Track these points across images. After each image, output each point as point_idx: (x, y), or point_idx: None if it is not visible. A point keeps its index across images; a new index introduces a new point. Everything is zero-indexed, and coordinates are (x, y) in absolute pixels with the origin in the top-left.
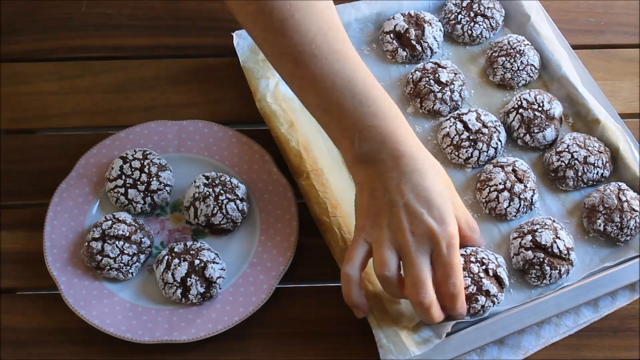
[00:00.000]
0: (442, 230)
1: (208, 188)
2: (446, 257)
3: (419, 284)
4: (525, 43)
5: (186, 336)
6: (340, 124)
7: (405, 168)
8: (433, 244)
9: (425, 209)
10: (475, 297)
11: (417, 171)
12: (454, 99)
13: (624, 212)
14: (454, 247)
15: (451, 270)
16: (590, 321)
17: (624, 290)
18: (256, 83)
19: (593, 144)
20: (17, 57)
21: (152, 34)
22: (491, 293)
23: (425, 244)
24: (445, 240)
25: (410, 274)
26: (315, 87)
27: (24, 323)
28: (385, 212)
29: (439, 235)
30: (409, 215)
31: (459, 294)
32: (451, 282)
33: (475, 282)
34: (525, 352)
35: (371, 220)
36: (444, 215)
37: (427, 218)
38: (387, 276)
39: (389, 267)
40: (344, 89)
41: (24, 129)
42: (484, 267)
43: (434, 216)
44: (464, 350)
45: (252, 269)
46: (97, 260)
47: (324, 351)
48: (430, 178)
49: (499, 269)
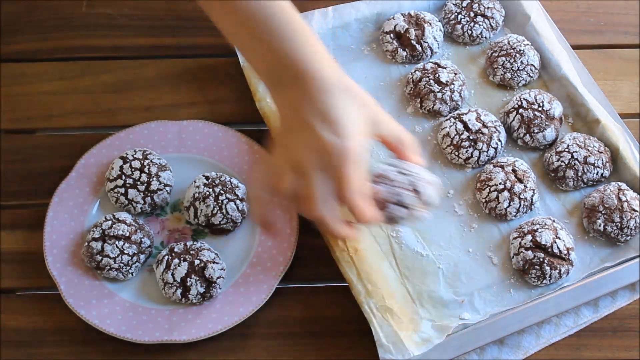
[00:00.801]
0: (336, 145)
1: (208, 188)
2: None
3: (310, 199)
4: (525, 43)
5: (186, 336)
6: (255, 46)
7: (314, 89)
8: (328, 159)
9: (325, 126)
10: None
11: (325, 92)
12: (454, 99)
13: (624, 212)
14: (349, 160)
15: (344, 183)
16: (590, 321)
17: (624, 290)
18: (256, 83)
19: (593, 144)
20: (17, 57)
21: (152, 34)
22: (409, 206)
23: (321, 159)
24: (338, 154)
25: (305, 189)
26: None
27: (24, 323)
28: (292, 131)
29: (332, 151)
30: (310, 134)
31: (354, 207)
32: (345, 194)
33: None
34: (525, 352)
35: (279, 142)
36: (342, 130)
37: (324, 134)
38: (286, 193)
39: (287, 185)
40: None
41: (24, 129)
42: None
43: (333, 133)
44: (464, 350)
45: (252, 269)
46: (97, 260)
47: (324, 351)
48: (340, 99)
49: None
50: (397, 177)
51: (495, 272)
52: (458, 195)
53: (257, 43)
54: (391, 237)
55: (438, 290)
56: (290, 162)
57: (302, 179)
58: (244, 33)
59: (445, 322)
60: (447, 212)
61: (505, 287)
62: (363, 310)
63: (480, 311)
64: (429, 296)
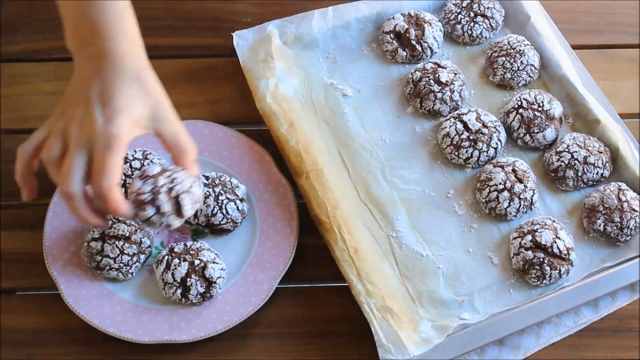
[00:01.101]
0: (104, 129)
1: (208, 188)
2: (100, 156)
3: (66, 173)
4: (525, 43)
5: (186, 336)
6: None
7: (104, 66)
8: (93, 141)
9: (101, 107)
10: (145, 207)
11: (112, 71)
12: (454, 99)
13: (624, 212)
14: (112, 149)
15: (102, 170)
16: (590, 321)
17: (624, 290)
18: (256, 83)
19: (593, 144)
20: (17, 57)
21: (152, 34)
22: (162, 210)
23: (86, 138)
24: (105, 140)
25: (64, 162)
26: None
27: (24, 323)
28: (71, 102)
29: (99, 133)
30: (85, 109)
31: (106, 197)
32: (99, 182)
33: (153, 192)
34: (525, 352)
35: (61, 107)
36: (115, 116)
37: (97, 115)
38: (46, 159)
39: (49, 152)
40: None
41: (24, 129)
42: (170, 185)
43: (104, 115)
44: (464, 350)
45: (252, 269)
46: (97, 261)
47: (324, 351)
48: (124, 82)
49: (184, 195)
50: (164, 181)
51: (495, 272)
52: (458, 195)
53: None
54: (391, 237)
55: (438, 290)
56: (61, 130)
57: (65, 152)
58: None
59: (445, 322)
60: (447, 212)
61: (505, 287)
62: (363, 310)
63: (480, 311)
64: (429, 296)
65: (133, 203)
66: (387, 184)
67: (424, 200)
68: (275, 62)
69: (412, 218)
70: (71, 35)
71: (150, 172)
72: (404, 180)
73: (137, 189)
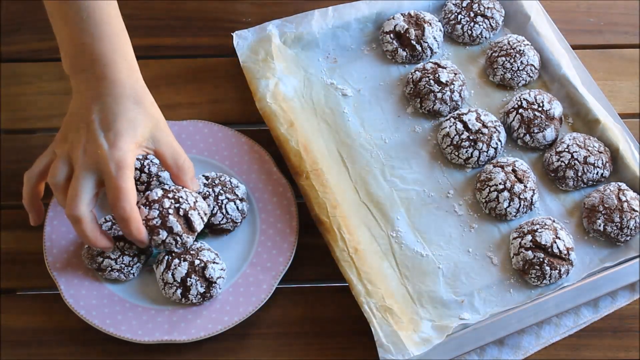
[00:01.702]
0: (111, 154)
1: (208, 188)
2: (114, 180)
3: (73, 197)
4: (525, 43)
5: (186, 336)
6: (61, 32)
7: (103, 90)
8: (102, 166)
9: (104, 132)
10: (158, 230)
11: (112, 95)
12: (454, 99)
13: (624, 212)
14: (124, 171)
15: (119, 194)
16: (590, 321)
17: (624, 290)
18: (256, 83)
19: (593, 144)
20: (17, 57)
21: (152, 34)
22: (174, 230)
23: (93, 163)
24: (114, 164)
25: (71, 186)
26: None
27: (24, 323)
28: (73, 127)
29: (107, 158)
30: (88, 134)
31: (130, 218)
32: (120, 205)
33: (162, 216)
34: (525, 352)
35: (63, 132)
36: (119, 140)
37: (101, 140)
38: (53, 183)
39: (56, 176)
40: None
41: (24, 129)
42: (177, 205)
43: (108, 139)
44: (464, 350)
45: (252, 269)
46: (98, 262)
47: (324, 351)
48: (124, 105)
49: (192, 212)
50: (169, 203)
51: (495, 272)
52: (458, 195)
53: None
54: (391, 237)
55: (438, 290)
56: (65, 154)
57: (72, 177)
58: (56, 14)
59: (445, 322)
60: (447, 212)
61: (505, 287)
62: (363, 310)
63: (480, 311)
64: (429, 296)
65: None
66: (387, 184)
67: (424, 200)
68: (275, 62)
69: (412, 218)
70: (68, 61)
71: (153, 197)
72: (404, 180)
73: (145, 215)
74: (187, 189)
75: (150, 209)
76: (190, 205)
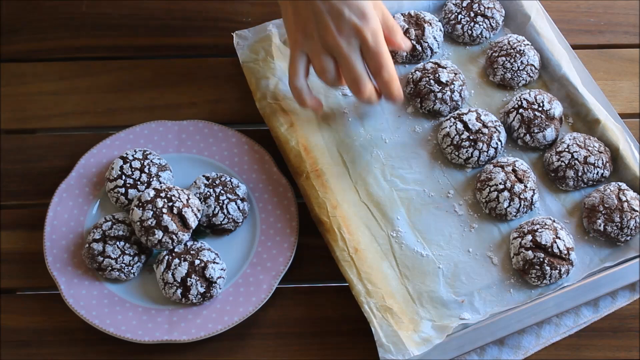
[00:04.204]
0: (365, 25)
1: (209, 188)
2: (375, 48)
3: (357, 79)
4: (525, 43)
5: (186, 336)
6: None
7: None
8: (360, 39)
9: (346, 8)
10: (153, 231)
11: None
12: (454, 99)
13: (624, 212)
14: (380, 37)
15: (381, 59)
16: (590, 321)
17: (624, 290)
18: (256, 83)
19: (593, 144)
20: (17, 57)
21: (152, 34)
22: (170, 229)
23: (353, 40)
24: (370, 33)
25: (348, 71)
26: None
27: (24, 323)
28: (311, 21)
29: (363, 30)
30: (333, 18)
31: (393, 79)
32: (384, 70)
33: (156, 216)
34: (525, 352)
35: (302, 32)
36: (365, 10)
37: (349, 15)
38: (329, 79)
39: (329, 71)
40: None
41: (24, 129)
42: (170, 203)
43: (355, 13)
44: (464, 350)
45: (252, 269)
46: (99, 262)
47: (324, 351)
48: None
49: (186, 209)
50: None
51: (495, 272)
52: (458, 195)
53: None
54: (391, 237)
55: (438, 290)
56: (326, 47)
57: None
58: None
59: (445, 322)
60: (447, 212)
61: (505, 287)
62: (363, 310)
63: (480, 311)
64: (429, 296)
65: (140, 231)
66: (387, 184)
67: (424, 200)
68: (275, 62)
69: (412, 218)
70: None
71: (145, 197)
72: (404, 180)
73: (139, 217)
74: (179, 188)
75: (144, 210)
76: (184, 202)
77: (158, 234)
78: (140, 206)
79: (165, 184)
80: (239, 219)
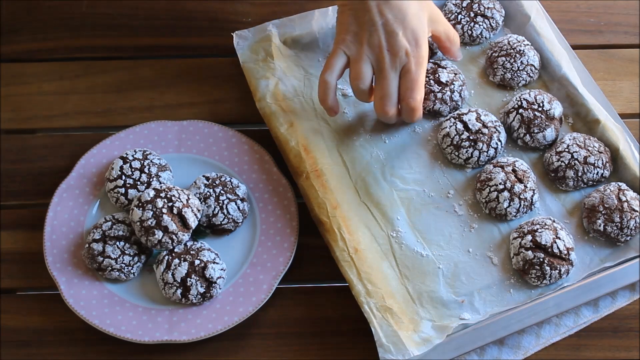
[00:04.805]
0: (414, 51)
1: (209, 189)
2: (414, 75)
3: (387, 97)
4: (525, 43)
5: (186, 336)
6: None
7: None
8: (405, 62)
9: (401, 30)
10: (153, 231)
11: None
12: (454, 99)
13: (624, 212)
14: (422, 66)
15: (416, 86)
16: (590, 321)
17: (624, 290)
18: (256, 83)
19: (593, 144)
20: (17, 57)
21: (152, 34)
22: (170, 229)
23: (397, 61)
24: (415, 59)
25: (381, 86)
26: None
27: (24, 323)
28: (365, 30)
29: (411, 55)
30: (387, 35)
31: (419, 106)
32: (413, 96)
33: (156, 216)
34: (525, 352)
35: (352, 35)
36: (418, 37)
37: (402, 38)
38: (361, 88)
39: (364, 80)
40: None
41: (24, 129)
42: (170, 204)
43: (407, 37)
44: (464, 350)
45: (252, 269)
46: (99, 262)
47: (324, 351)
48: (408, 1)
49: (185, 209)
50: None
51: (495, 272)
52: (458, 195)
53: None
54: (391, 237)
55: (438, 290)
56: (370, 57)
57: (379, 77)
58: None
59: (445, 322)
60: (447, 212)
61: (505, 287)
62: (363, 310)
63: (480, 311)
64: (429, 296)
65: (140, 232)
66: (387, 184)
67: (424, 200)
68: (275, 62)
69: (412, 218)
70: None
71: (145, 198)
72: (404, 180)
73: (139, 217)
74: (178, 188)
75: (144, 210)
76: (183, 202)
77: (158, 234)
78: (140, 206)
79: (165, 184)
80: (239, 219)
